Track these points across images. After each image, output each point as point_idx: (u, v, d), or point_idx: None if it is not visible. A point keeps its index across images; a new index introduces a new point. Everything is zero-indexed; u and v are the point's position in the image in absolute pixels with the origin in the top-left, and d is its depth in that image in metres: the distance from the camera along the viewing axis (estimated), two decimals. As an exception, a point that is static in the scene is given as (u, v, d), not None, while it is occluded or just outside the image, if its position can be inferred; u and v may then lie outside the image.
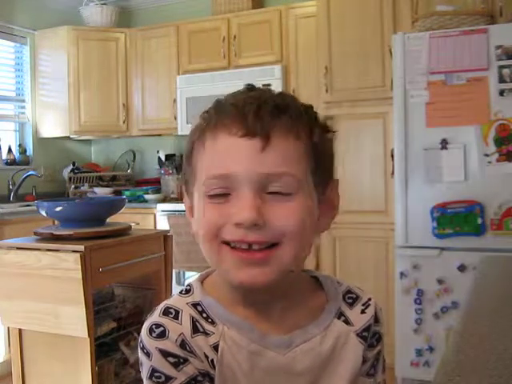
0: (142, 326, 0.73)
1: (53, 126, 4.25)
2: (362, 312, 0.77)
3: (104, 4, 4.38)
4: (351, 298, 0.77)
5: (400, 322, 2.72)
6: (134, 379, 2.13)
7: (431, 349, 2.65)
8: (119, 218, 2.22)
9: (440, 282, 2.62)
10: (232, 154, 0.65)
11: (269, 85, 3.33)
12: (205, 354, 0.69)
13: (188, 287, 0.75)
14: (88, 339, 1.85)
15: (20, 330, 2.03)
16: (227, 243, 0.67)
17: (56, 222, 2.39)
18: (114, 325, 2.06)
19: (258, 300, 0.72)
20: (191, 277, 3.73)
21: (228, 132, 0.65)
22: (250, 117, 0.64)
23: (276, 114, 0.66)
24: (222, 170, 0.65)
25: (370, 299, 0.78)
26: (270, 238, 0.65)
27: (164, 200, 4.02)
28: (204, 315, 0.71)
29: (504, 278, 1.28)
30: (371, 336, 0.76)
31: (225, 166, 0.65)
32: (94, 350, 1.89)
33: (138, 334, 2.26)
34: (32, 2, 4.22)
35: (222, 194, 0.66)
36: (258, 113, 0.65)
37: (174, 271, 2.45)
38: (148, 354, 0.69)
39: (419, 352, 2.67)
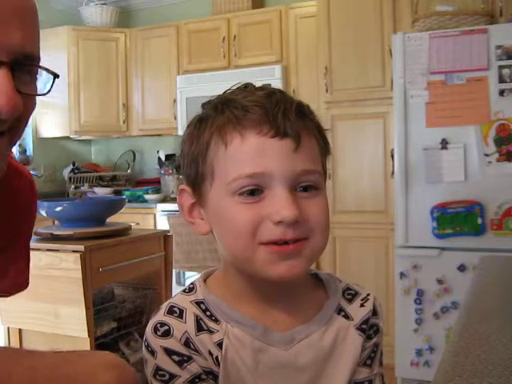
0: (142, 326, 0.74)
1: (53, 126, 4.25)
2: (361, 306, 0.78)
3: (104, 4, 4.38)
4: (350, 294, 0.79)
5: (400, 322, 2.72)
6: (134, 379, 2.12)
7: (431, 349, 2.65)
8: (119, 218, 2.22)
9: (440, 282, 2.62)
10: (266, 154, 0.66)
11: (269, 85, 3.32)
12: (209, 351, 0.70)
13: (191, 286, 0.76)
14: (88, 339, 1.85)
15: (20, 330, 2.03)
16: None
17: (56, 222, 2.39)
18: (114, 325, 2.05)
19: (263, 298, 0.73)
20: (191, 277, 3.73)
21: (257, 132, 0.66)
22: (279, 118, 0.66)
23: (301, 115, 0.69)
24: (258, 168, 0.66)
25: (368, 294, 0.80)
26: (305, 233, 0.68)
27: (164, 200, 4.02)
28: (207, 313, 0.72)
29: (504, 277, 1.28)
30: (369, 328, 0.78)
31: (259, 164, 0.66)
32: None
33: (138, 334, 2.24)
34: (32, 2, 4.22)
35: (253, 193, 0.67)
36: (287, 114, 0.67)
37: (173, 271, 2.45)
38: (152, 353, 0.70)
39: (419, 352, 2.67)
